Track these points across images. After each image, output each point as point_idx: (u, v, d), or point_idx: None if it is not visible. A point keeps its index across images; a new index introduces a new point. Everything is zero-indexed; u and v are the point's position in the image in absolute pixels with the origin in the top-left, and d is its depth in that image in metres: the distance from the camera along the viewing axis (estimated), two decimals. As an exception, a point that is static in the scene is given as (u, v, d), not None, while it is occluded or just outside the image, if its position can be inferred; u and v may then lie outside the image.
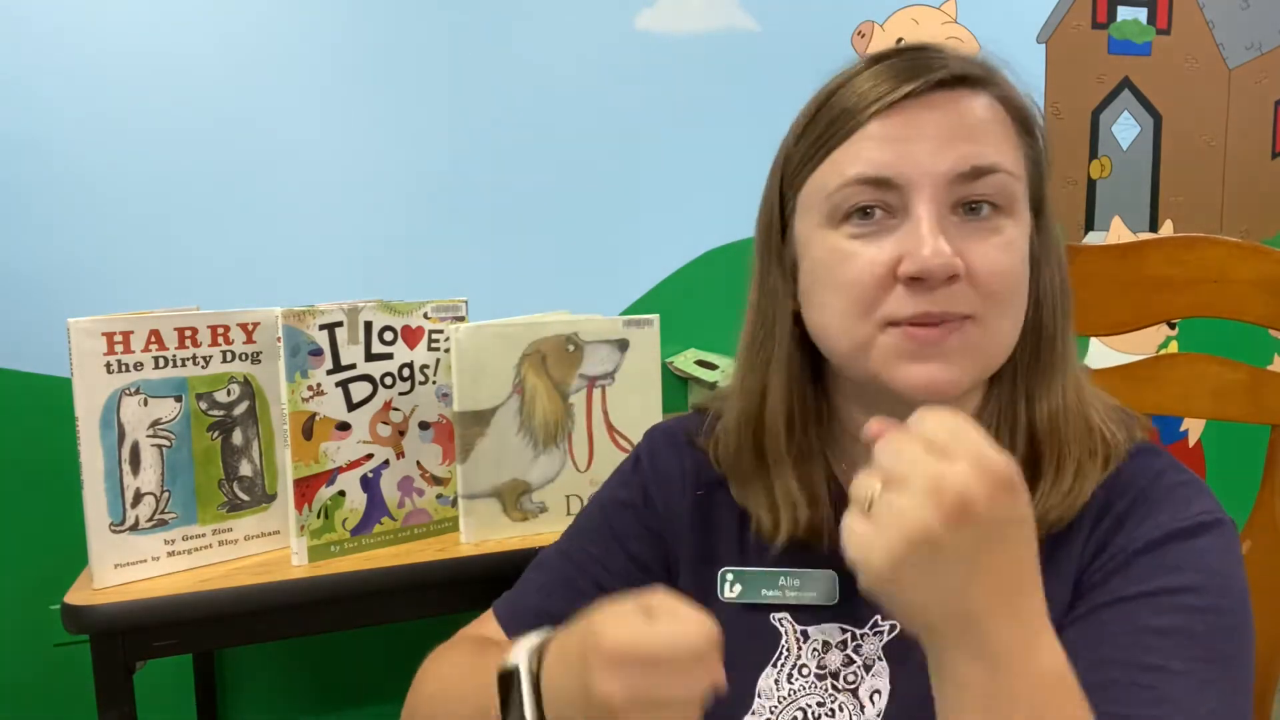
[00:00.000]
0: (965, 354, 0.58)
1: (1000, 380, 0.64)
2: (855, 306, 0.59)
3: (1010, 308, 0.60)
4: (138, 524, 0.95)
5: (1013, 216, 0.60)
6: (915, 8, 1.65)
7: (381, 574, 0.99)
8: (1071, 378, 0.64)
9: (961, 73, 0.59)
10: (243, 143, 1.32)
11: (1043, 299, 0.63)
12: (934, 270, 0.56)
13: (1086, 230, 1.83)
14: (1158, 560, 0.57)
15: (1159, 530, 0.58)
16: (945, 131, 0.58)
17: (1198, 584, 0.56)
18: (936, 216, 0.57)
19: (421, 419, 1.07)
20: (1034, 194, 0.63)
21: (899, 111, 0.59)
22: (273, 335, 0.99)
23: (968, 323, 0.58)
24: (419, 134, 1.40)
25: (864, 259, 0.59)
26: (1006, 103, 0.61)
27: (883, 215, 0.59)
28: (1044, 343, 0.63)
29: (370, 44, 1.37)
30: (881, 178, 0.58)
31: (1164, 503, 0.60)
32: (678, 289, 1.55)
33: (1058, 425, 0.62)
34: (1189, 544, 0.58)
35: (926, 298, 0.57)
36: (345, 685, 1.44)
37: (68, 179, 1.25)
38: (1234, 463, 1.88)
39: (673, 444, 0.74)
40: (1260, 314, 0.86)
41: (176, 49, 1.28)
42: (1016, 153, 0.61)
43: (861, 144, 0.59)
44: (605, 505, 0.76)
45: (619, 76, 1.49)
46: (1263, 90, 1.91)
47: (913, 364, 0.58)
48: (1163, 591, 0.56)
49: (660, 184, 1.52)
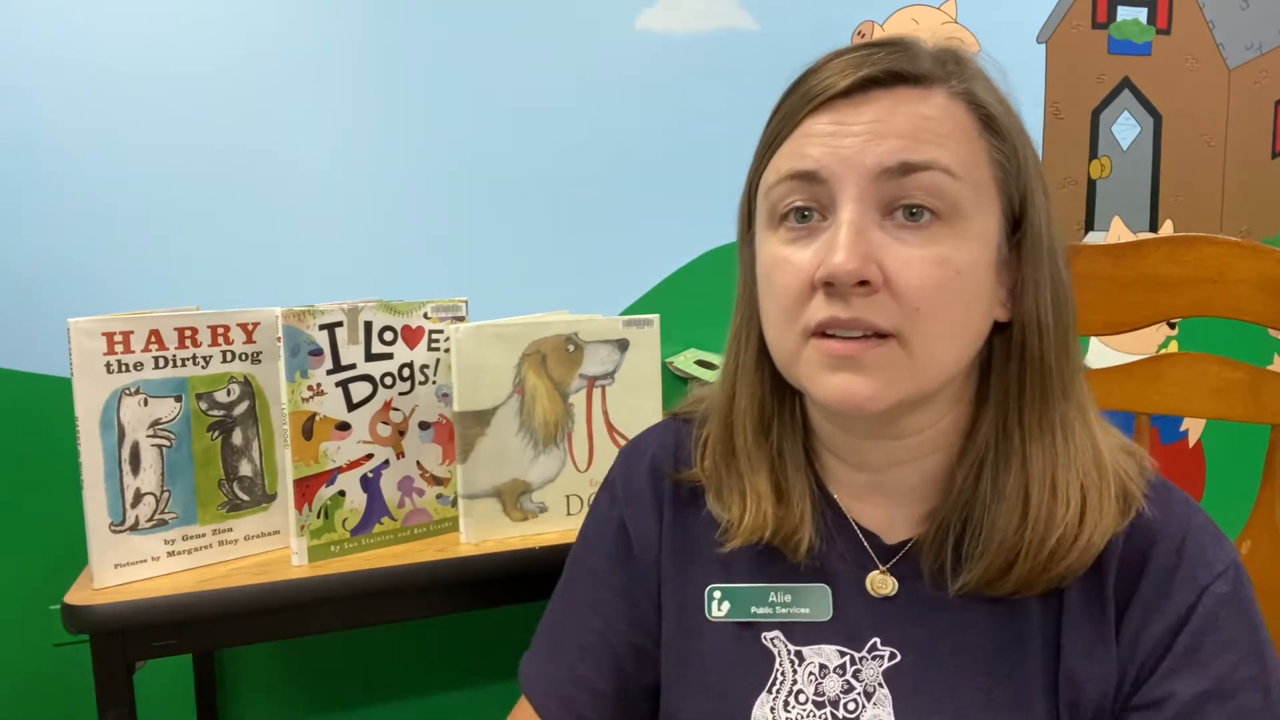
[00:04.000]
0: (885, 369, 0.55)
1: (993, 405, 0.60)
2: (783, 315, 0.58)
3: (940, 325, 0.55)
4: (138, 524, 0.95)
5: (955, 224, 0.55)
6: (915, 8, 1.65)
7: (381, 574, 0.99)
8: (1077, 408, 0.60)
9: (904, 69, 0.56)
10: (243, 143, 1.32)
11: (1026, 322, 0.58)
12: (841, 276, 0.53)
13: (1086, 230, 1.83)
14: (1218, 638, 0.56)
15: (1208, 596, 0.57)
16: (877, 127, 0.55)
17: (1249, 651, 0.56)
18: (859, 218, 0.54)
19: (421, 419, 1.07)
20: (1007, 201, 0.58)
21: (834, 109, 0.57)
22: (273, 335, 0.99)
23: (889, 341, 0.55)
24: (419, 134, 1.40)
25: (792, 265, 0.57)
26: (968, 100, 0.57)
27: (817, 218, 0.57)
28: (1030, 369, 0.59)
29: (369, 44, 1.37)
30: (809, 172, 0.56)
31: (1197, 553, 0.58)
32: (678, 289, 1.55)
33: (1055, 463, 0.58)
34: (1236, 608, 0.57)
35: (839, 304, 0.55)
36: (345, 685, 1.44)
37: (68, 179, 1.25)
38: (1234, 463, 1.88)
39: (648, 464, 0.72)
40: (1260, 313, 0.86)
41: (177, 49, 1.28)
42: (971, 154, 0.56)
43: (798, 141, 0.58)
44: (592, 569, 0.72)
45: (619, 76, 1.49)
46: (1263, 90, 1.91)
47: (831, 375, 0.56)
48: (1230, 670, 0.56)
49: (660, 184, 1.52)
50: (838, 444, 0.65)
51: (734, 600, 0.65)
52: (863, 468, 0.64)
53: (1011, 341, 0.59)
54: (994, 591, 0.59)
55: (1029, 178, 0.59)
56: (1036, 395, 0.59)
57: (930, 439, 0.62)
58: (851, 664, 0.62)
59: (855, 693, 0.61)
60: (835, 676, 0.62)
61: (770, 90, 0.63)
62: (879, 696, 0.60)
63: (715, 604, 0.65)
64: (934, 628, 0.60)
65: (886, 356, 0.55)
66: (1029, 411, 0.59)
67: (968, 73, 0.59)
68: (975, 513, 0.60)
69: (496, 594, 1.06)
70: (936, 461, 0.63)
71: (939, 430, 0.62)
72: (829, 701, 0.61)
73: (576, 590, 0.72)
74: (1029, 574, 0.57)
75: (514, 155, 1.45)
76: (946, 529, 0.61)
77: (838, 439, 0.65)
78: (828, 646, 0.62)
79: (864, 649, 0.62)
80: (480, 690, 1.50)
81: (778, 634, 0.64)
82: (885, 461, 0.63)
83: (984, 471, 0.60)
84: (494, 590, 1.05)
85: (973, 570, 0.59)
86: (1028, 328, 0.59)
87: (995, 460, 0.59)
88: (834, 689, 0.61)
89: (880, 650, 0.61)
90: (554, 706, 0.69)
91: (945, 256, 0.55)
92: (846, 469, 0.65)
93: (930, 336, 0.55)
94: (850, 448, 0.64)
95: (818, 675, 0.62)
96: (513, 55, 1.43)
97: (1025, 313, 0.59)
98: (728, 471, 0.66)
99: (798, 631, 0.63)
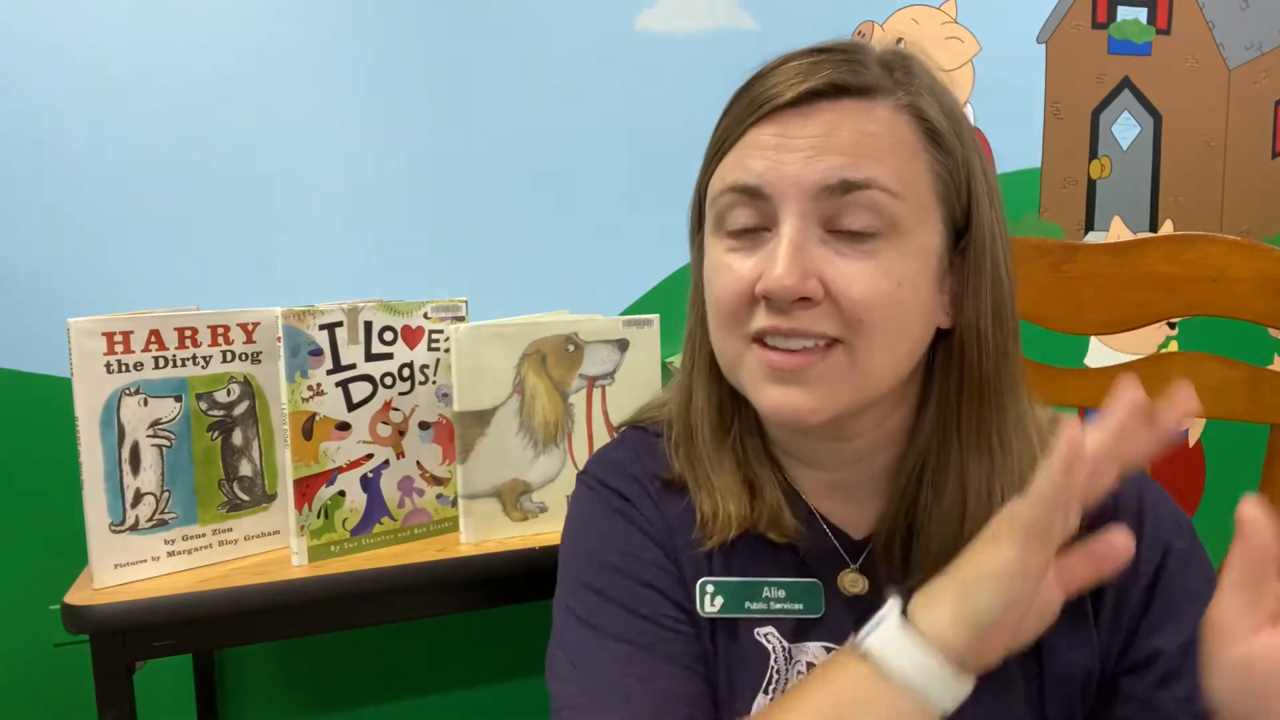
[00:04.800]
0: (827, 381, 0.56)
1: (934, 407, 0.61)
2: (726, 321, 0.59)
3: (882, 336, 0.56)
4: (138, 524, 0.95)
5: (894, 240, 0.56)
6: (915, 8, 1.65)
7: (381, 574, 0.99)
8: (1016, 421, 0.60)
9: (849, 82, 0.56)
10: (243, 143, 1.32)
11: (965, 332, 0.59)
12: (778, 292, 0.54)
13: (1086, 230, 1.82)
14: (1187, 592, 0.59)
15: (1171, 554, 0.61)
16: (819, 143, 0.55)
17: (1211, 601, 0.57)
18: (800, 234, 0.55)
19: (421, 419, 1.07)
20: (949, 211, 0.58)
21: (779, 120, 0.57)
22: (273, 335, 0.99)
23: (834, 348, 0.56)
24: (419, 134, 1.40)
25: (733, 273, 0.58)
26: (913, 113, 0.57)
27: (760, 229, 0.57)
28: (968, 376, 0.59)
29: (370, 44, 1.37)
30: (751, 186, 0.57)
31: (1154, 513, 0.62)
32: (678, 289, 1.54)
33: (993, 479, 0.59)
34: (1195, 561, 0.61)
35: (780, 316, 0.56)
36: (345, 685, 1.44)
37: (68, 179, 1.25)
38: (1234, 463, 1.88)
39: (625, 472, 0.69)
40: (1260, 312, 0.86)
41: (178, 49, 1.28)
42: (912, 168, 0.57)
43: (743, 151, 0.58)
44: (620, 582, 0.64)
45: (619, 76, 1.49)
46: (1263, 90, 1.91)
47: (772, 387, 0.57)
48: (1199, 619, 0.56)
49: (660, 184, 1.52)
50: (788, 444, 0.66)
51: (726, 595, 0.64)
52: (817, 466, 0.65)
53: (952, 350, 0.60)
54: None
55: (974, 188, 0.59)
56: (974, 405, 0.59)
57: (877, 439, 0.63)
58: None
59: None
60: None
61: (770, 90, 0.62)
62: None
63: (708, 599, 0.64)
64: None
65: (830, 369, 0.56)
66: (966, 422, 0.60)
67: (915, 83, 0.59)
68: (918, 515, 0.61)
69: (496, 594, 1.06)
70: (885, 459, 0.64)
71: (885, 430, 0.63)
72: None
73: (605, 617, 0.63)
74: None
75: (514, 155, 1.45)
76: (894, 531, 0.62)
77: (786, 439, 0.66)
78: (814, 644, 0.63)
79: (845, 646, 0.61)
80: (480, 690, 1.50)
81: (771, 630, 0.63)
82: (837, 461, 0.64)
83: (924, 476, 0.61)
84: (494, 590, 1.05)
85: (924, 571, 0.58)
86: (966, 338, 0.59)
87: (935, 467, 0.60)
88: None
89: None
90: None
91: (886, 269, 0.55)
92: (803, 467, 0.66)
93: (872, 347, 0.56)
94: (801, 448, 0.65)
95: (806, 674, 0.62)
96: (513, 55, 1.43)
97: (965, 323, 0.59)
98: (695, 472, 0.66)
99: (790, 628, 0.63)
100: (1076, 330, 0.93)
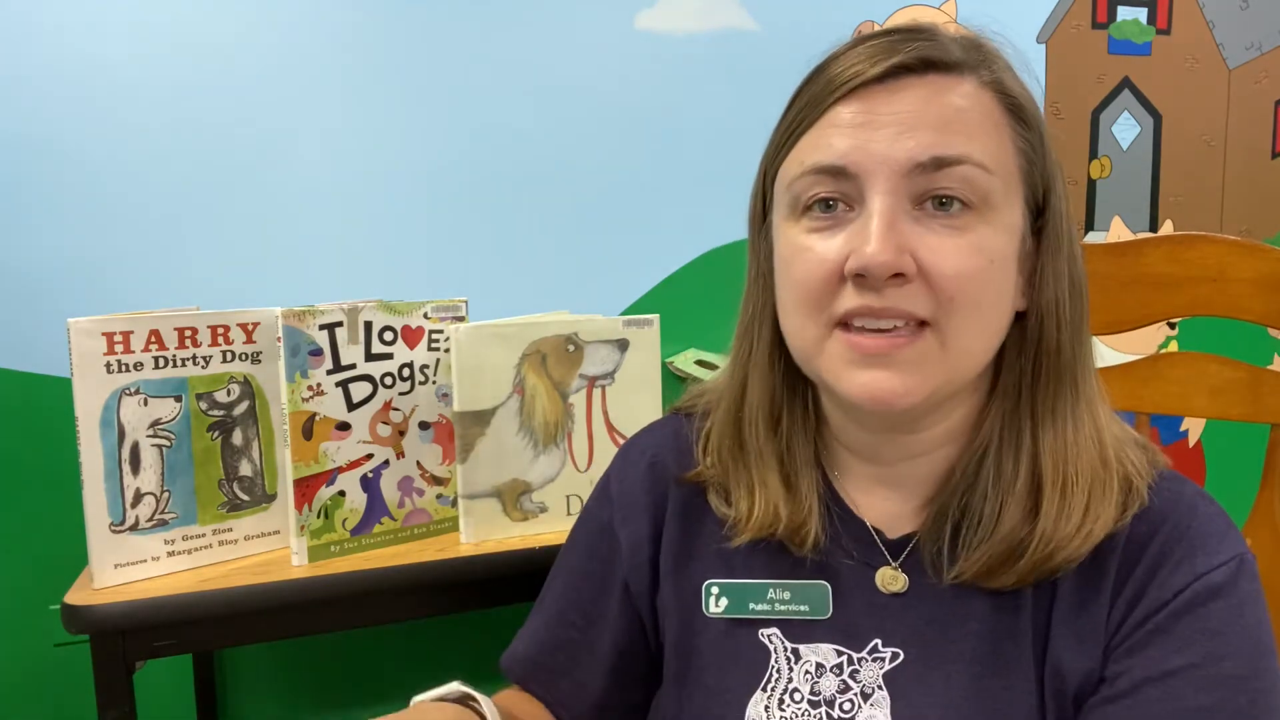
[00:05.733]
0: (919, 365, 0.55)
1: (1002, 396, 0.60)
2: (805, 305, 0.57)
3: (974, 315, 0.55)
4: (138, 524, 0.95)
5: (986, 215, 0.54)
6: (915, 7, 1.65)
7: (381, 574, 0.99)
8: (1086, 401, 0.59)
9: (937, 57, 0.55)
10: (243, 142, 1.32)
11: (1045, 310, 0.58)
12: (874, 268, 0.52)
13: (1086, 230, 1.83)
14: (1199, 623, 0.54)
15: (1200, 583, 0.55)
16: (908, 119, 0.54)
17: (1238, 648, 0.54)
18: (891, 210, 0.53)
19: (421, 419, 1.07)
20: (1031, 191, 0.58)
21: (863, 97, 0.55)
22: (273, 335, 0.99)
23: (924, 331, 0.54)
24: (419, 134, 1.40)
25: (816, 255, 0.56)
26: (996, 89, 0.57)
27: (843, 208, 0.56)
28: (1046, 358, 0.58)
29: (370, 43, 1.37)
30: (836, 167, 0.55)
31: (1199, 542, 0.56)
32: (678, 289, 1.55)
33: (1065, 454, 0.57)
34: (1228, 600, 0.55)
35: (872, 295, 0.54)
36: (345, 685, 1.44)
37: (68, 179, 1.25)
38: (1234, 463, 1.88)
39: (646, 464, 0.71)
40: (1260, 313, 0.86)
41: (177, 49, 1.28)
42: (999, 145, 0.56)
43: (823, 131, 0.56)
44: (570, 565, 0.74)
45: (619, 76, 1.49)
46: (1263, 90, 1.91)
47: (860, 371, 0.55)
48: (1208, 660, 0.53)
49: (660, 184, 1.52)
50: (851, 438, 0.64)
51: (731, 596, 0.64)
52: (875, 461, 0.64)
53: (1027, 331, 0.59)
54: (993, 583, 0.58)
55: (1051, 167, 0.59)
56: (1051, 384, 0.58)
57: (945, 432, 0.61)
58: (849, 664, 0.61)
59: (852, 693, 0.60)
60: (832, 676, 0.61)
61: (771, 90, 0.62)
62: (878, 699, 0.59)
63: (713, 600, 0.65)
64: (938, 622, 0.60)
65: (920, 351, 0.54)
66: (1041, 400, 0.58)
67: (995, 62, 0.58)
68: (974, 502, 0.59)
69: (496, 594, 1.05)
70: (947, 454, 0.62)
71: (953, 422, 0.61)
72: (824, 701, 0.60)
73: (554, 584, 0.74)
74: (1031, 567, 0.56)
75: (514, 155, 1.45)
76: (945, 517, 0.60)
77: (851, 433, 0.64)
78: (825, 645, 0.62)
79: (864, 649, 0.61)
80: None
81: (775, 631, 0.63)
82: (899, 455, 0.63)
83: (986, 460, 0.59)
84: (494, 590, 1.05)
85: (971, 560, 0.58)
86: (1045, 317, 0.58)
87: (1000, 450, 0.59)
88: (830, 688, 0.61)
89: (881, 652, 0.61)
90: (535, 687, 0.72)
91: (979, 245, 0.54)
92: (858, 462, 0.65)
93: (964, 327, 0.55)
94: (864, 442, 0.64)
95: (814, 674, 0.61)
96: (513, 55, 1.43)
97: (1045, 302, 0.58)
98: (735, 465, 0.65)
99: (796, 629, 0.63)
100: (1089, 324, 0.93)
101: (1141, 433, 0.92)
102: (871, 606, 0.62)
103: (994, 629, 0.59)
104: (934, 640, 0.60)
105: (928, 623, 0.60)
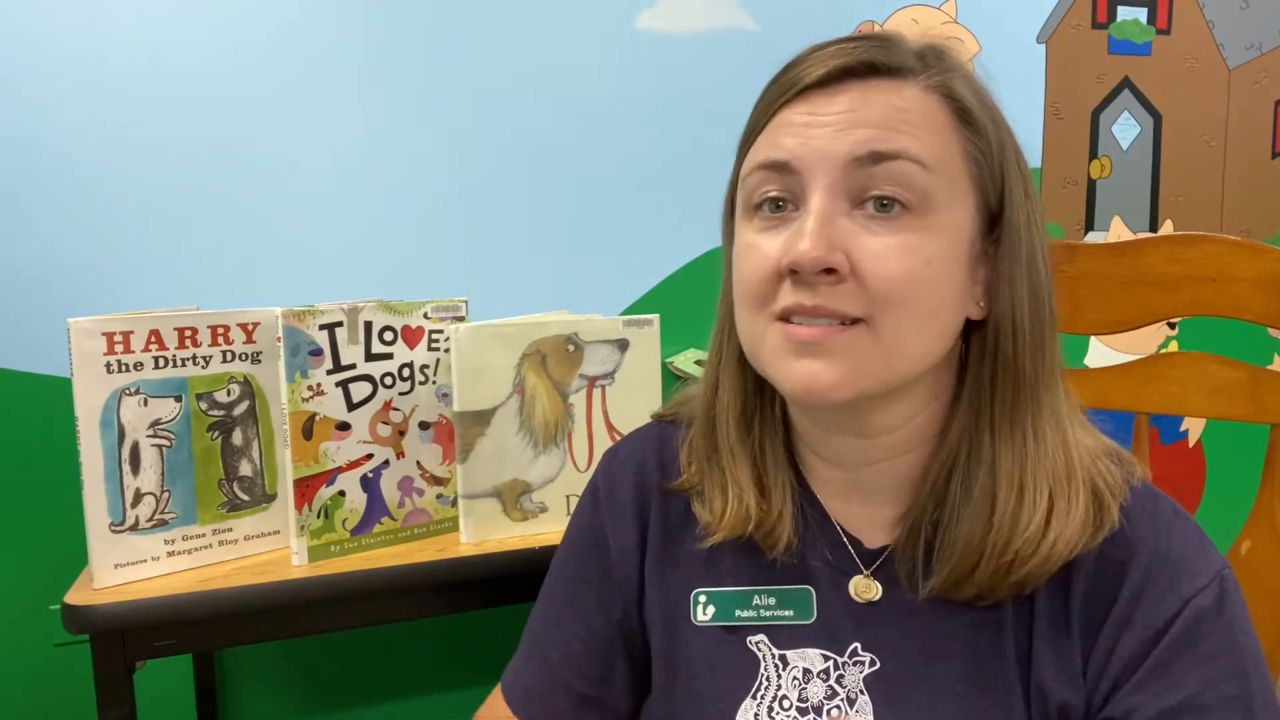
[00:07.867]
0: (850, 355, 0.55)
1: (966, 405, 0.60)
2: (750, 301, 0.58)
3: (908, 315, 0.55)
4: (138, 524, 0.95)
5: (925, 217, 0.54)
6: (915, 7, 1.65)
7: (381, 574, 0.99)
8: (1051, 413, 0.59)
9: (880, 61, 0.56)
10: (243, 142, 1.32)
11: (1000, 319, 0.58)
12: (805, 263, 0.53)
13: (1086, 230, 1.83)
14: (1195, 652, 0.54)
15: (1190, 609, 0.55)
16: (849, 117, 0.55)
17: (1232, 669, 0.54)
18: (827, 208, 0.54)
19: (421, 419, 1.07)
20: (983, 196, 0.58)
21: (809, 99, 0.57)
22: (273, 335, 0.99)
23: (858, 326, 0.55)
24: (419, 134, 1.40)
25: (761, 252, 0.57)
26: (943, 93, 0.57)
27: (790, 208, 0.57)
28: (1002, 369, 0.58)
29: (370, 44, 1.37)
30: (780, 161, 0.56)
31: (1182, 564, 0.56)
32: (678, 289, 1.55)
33: (1024, 464, 0.57)
34: (1217, 623, 0.55)
35: (805, 291, 0.54)
36: (345, 685, 1.44)
37: (68, 179, 1.25)
38: (1234, 463, 1.88)
39: (632, 472, 0.71)
40: (1260, 312, 0.86)
41: (177, 49, 1.28)
42: (943, 145, 0.56)
43: (774, 132, 0.58)
44: (569, 574, 0.72)
45: (619, 76, 1.49)
46: (1263, 90, 1.91)
47: (795, 361, 0.55)
48: (1207, 687, 0.54)
49: (660, 184, 1.52)
50: (813, 439, 0.65)
51: (718, 604, 0.64)
52: (838, 464, 0.64)
53: (986, 340, 0.59)
54: (957, 595, 0.58)
55: (1007, 173, 0.58)
56: (1007, 397, 0.58)
57: (904, 437, 0.61)
58: (835, 669, 0.61)
59: (839, 699, 0.60)
60: (819, 681, 0.61)
61: (770, 90, 0.62)
62: (861, 703, 0.59)
63: (700, 608, 0.65)
64: (914, 634, 0.60)
65: (852, 342, 0.55)
66: (999, 413, 0.58)
67: (946, 66, 0.59)
68: (945, 514, 0.59)
69: (496, 594, 1.05)
70: (911, 461, 0.62)
71: (913, 428, 0.61)
72: (812, 708, 0.60)
73: (553, 594, 0.73)
74: (990, 578, 0.56)
75: (514, 155, 1.45)
76: (918, 531, 0.60)
77: (812, 433, 0.64)
78: (811, 650, 0.62)
79: (845, 654, 0.61)
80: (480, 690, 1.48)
81: (762, 638, 0.63)
82: (860, 459, 0.63)
83: (955, 473, 0.59)
84: (494, 590, 1.05)
85: (939, 574, 0.58)
86: (1001, 327, 0.58)
87: (967, 461, 0.59)
88: (818, 694, 0.61)
89: (861, 656, 0.61)
90: (536, 711, 0.69)
91: (913, 246, 0.54)
92: (824, 465, 0.65)
93: (898, 326, 0.55)
94: (824, 442, 0.64)
95: (801, 680, 0.61)
96: (513, 55, 1.43)
97: (1000, 312, 0.58)
98: (710, 466, 0.66)
99: (782, 635, 0.63)
100: (1076, 330, 0.93)
101: (1142, 433, 0.92)
102: (849, 612, 0.62)
103: (973, 645, 0.59)
104: (908, 652, 0.60)
105: (904, 635, 0.60)
